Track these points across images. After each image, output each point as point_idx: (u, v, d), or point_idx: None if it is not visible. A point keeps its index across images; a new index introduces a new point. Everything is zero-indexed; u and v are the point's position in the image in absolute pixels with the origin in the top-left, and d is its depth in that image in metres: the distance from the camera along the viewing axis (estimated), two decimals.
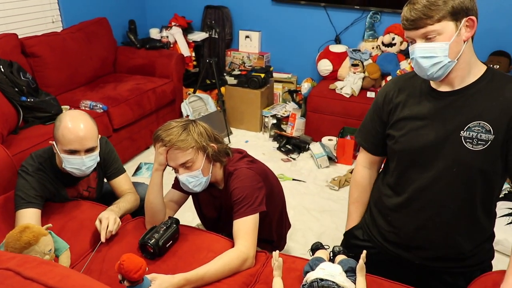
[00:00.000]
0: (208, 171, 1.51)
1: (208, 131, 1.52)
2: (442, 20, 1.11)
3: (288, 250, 2.25)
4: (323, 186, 2.92)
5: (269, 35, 3.96)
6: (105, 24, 3.55)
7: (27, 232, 1.21)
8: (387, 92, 1.37)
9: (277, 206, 1.74)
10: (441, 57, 1.14)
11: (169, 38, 3.82)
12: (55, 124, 1.59)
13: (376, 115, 1.41)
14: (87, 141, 1.58)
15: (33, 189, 1.62)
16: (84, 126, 1.57)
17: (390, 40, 3.37)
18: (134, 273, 1.15)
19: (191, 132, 1.45)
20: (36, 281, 0.77)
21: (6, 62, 2.54)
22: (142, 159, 3.25)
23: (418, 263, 1.36)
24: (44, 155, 1.70)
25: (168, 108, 3.54)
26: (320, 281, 1.19)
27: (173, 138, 1.42)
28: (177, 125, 1.46)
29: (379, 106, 1.39)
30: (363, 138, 1.50)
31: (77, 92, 3.12)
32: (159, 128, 1.48)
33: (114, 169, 1.86)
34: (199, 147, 1.45)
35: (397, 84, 1.36)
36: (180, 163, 1.45)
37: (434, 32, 1.12)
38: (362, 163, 1.54)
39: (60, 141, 1.57)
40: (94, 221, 1.66)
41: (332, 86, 3.40)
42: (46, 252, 1.23)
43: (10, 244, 1.19)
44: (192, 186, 1.50)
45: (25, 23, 3.11)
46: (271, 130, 3.65)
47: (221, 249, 1.44)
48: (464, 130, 1.19)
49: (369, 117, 1.46)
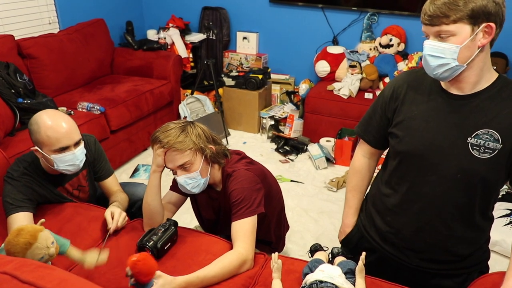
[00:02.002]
0: (207, 173, 1.51)
1: (206, 132, 1.51)
2: (458, 21, 1.07)
3: (286, 252, 2.25)
4: (321, 187, 2.92)
5: (266, 36, 3.96)
6: (102, 25, 3.53)
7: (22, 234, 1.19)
8: (395, 88, 1.32)
9: (275, 207, 1.73)
10: (449, 59, 1.10)
11: (167, 40, 3.81)
12: (32, 129, 1.55)
13: (380, 109, 1.37)
14: (73, 134, 1.57)
15: (21, 193, 1.61)
16: (64, 121, 1.56)
17: (388, 41, 3.37)
18: (144, 276, 1.14)
19: (189, 134, 1.44)
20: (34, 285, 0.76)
21: (3, 64, 2.53)
22: (140, 161, 3.24)
23: (416, 265, 1.36)
24: (27, 159, 1.68)
25: (165, 109, 3.53)
26: (319, 283, 1.19)
27: (171, 139, 1.41)
28: (175, 126, 1.46)
29: (385, 101, 1.34)
30: (363, 130, 1.46)
31: (74, 93, 3.11)
32: (157, 130, 1.47)
33: (105, 170, 1.86)
34: (197, 148, 1.45)
35: (407, 79, 1.31)
36: (178, 165, 1.45)
37: (448, 33, 1.09)
38: (361, 153, 1.51)
39: (46, 142, 1.53)
40: (91, 223, 1.66)
41: (330, 87, 3.40)
42: (49, 245, 1.22)
43: (11, 250, 1.18)
44: (190, 188, 1.50)
45: (21, 24, 3.09)
46: (269, 132, 3.65)
47: (219, 251, 1.44)
48: (471, 137, 1.16)
49: (372, 109, 1.41)
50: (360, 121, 1.49)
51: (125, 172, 3.09)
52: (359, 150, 1.53)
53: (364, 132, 1.46)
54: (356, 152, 1.54)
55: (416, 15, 3.34)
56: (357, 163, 1.53)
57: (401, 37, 3.36)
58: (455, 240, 1.29)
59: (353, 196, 1.55)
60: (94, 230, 1.64)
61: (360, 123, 1.48)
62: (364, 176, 1.52)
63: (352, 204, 1.55)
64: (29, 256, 1.19)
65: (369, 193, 1.53)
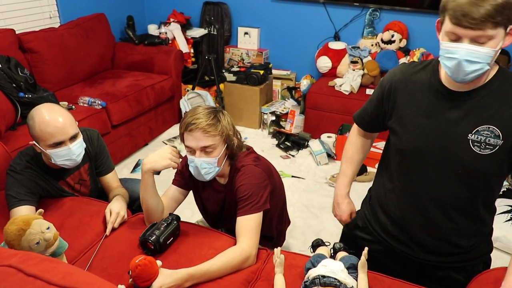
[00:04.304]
0: (222, 163, 1.49)
1: (233, 124, 1.51)
2: (499, 26, 1.01)
3: (287, 247, 2.26)
4: (322, 183, 2.92)
5: (268, 31, 3.94)
6: (103, 20, 3.52)
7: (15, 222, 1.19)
8: (393, 81, 1.29)
9: (278, 202, 1.73)
10: (484, 63, 1.05)
11: (168, 34, 3.80)
12: (28, 124, 1.55)
13: (376, 100, 1.37)
14: (68, 129, 1.56)
15: (24, 187, 1.61)
16: (60, 116, 1.55)
17: (390, 37, 3.37)
18: (141, 281, 1.15)
19: (221, 119, 1.43)
20: (39, 278, 0.76)
21: (4, 58, 2.52)
22: (141, 156, 3.24)
23: (422, 258, 1.36)
24: (30, 153, 1.68)
25: (167, 104, 3.53)
26: (322, 278, 1.19)
27: (203, 120, 1.38)
28: (206, 110, 1.43)
29: (383, 92, 1.33)
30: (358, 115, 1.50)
31: (75, 88, 3.10)
32: (187, 114, 1.44)
33: (106, 165, 1.85)
34: (227, 135, 1.44)
35: (405, 73, 1.28)
36: (202, 146, 1.41)
37: (487, 37, 1.02)
38: (356, 132, 1.54)
39: (41, 137, 1.53)
40: (93, 218, 1.67)
41: (331, 83, 3.39)
42: (44, 230, 1.20)
43: (8, 238, 1.18)
44: (204, 173, 1.46)
45: (22, 19, 3.08)
46: (270, 127, 3.64)
47: (222, 246, 1.44)
48: (472, 133, 1.15)
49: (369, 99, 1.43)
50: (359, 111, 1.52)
51: (126, 167, 3.09)
52: (354, 129, 1.55)
53: (358, 118, 1.50)
54: (352, 129, 1.56)
55: (418, 11, 3.33)
56: (353, 137, 1.55)
57: (403, 33, 3.35)
58: (459, 233, 1.29)
59: (347, 167, 1.56)
60: (96, 225, 1.64)
61: (358, 110, 1.51)
62: (359, 148, 1.54)
63: (347, 173, 1.56)
64: (24, 243, 1.18)
65: (372, 188, 1.53)
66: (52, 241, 1.23)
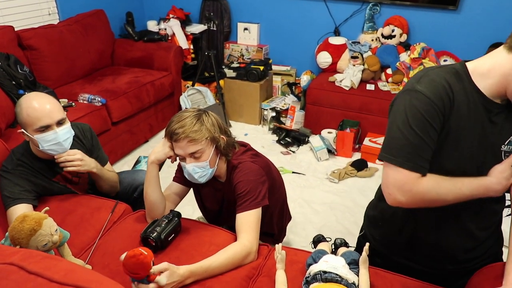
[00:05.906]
0: (215, 163, 1.50)
1: (219, 122, 1.51)
2: None
3: (288, 243, 2.26)
4: (323, 179, 2.92)
5: (268, 27, 3.93)
6: (102, 16, 3.51)
7: (27, 220, 1.20)
8: (442, 95, 1.07)
9: (278, 199, 1.74)
10: None
11: (167, 31, 3.79)
12: (16, 111, 1.56)
13: (431, 127, 1.07)
14: (55, 113, 1.56)
15: (17, 186, 1.61)
16: (47, 100, 1.55)
17: (390, 32, 3.35)
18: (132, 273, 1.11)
19: (204, 122, 1.43)
20: (41, 275, 0.76)
21: (3, 55, 2.52)
22: (141, 153, 3.24)
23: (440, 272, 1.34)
24: (20, 150, 1.68)
25: (167, 101, 3.52)
26: (323, 274, 1.20)
27: (187, 129, 1.40)
28: (190, 115, 1.44)
29: (437, 111, 1.06)
30: (415, 161, 1.09)
31: (74, 85, 3.10)
32: (171, 120, 1.45)
33: (100, 157, 1.85)
34: (211, 137, 1.44)
35: (450, 81, 1.09)
36: (190, 152, 1.43)
37: None
38: (419, 180, 1.10)
39: (28, 122, 1.53)
40: (93, 215, 1.67)
41: (332, 78, 3.38)
42: (53, 232, 1.22)
43: (16, 236, 1.18)
44: (198, 177, 1.48)
45: (21, 15, 3.07)
46: (270, 123, 3.64)
47: (223, 243, 1.44)
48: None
49: (419, 129, 1.07)
50: (398, 151, 1.09)
51: (127, 164, 3.09)
52: (416, 181, 1.09)
53: (419, 162, 1.09)
54: (413, 183, 1.09)
55: (419, 5, 3.32)
56: (429, 182, 1.11)
57: (404, 28, 3.34)
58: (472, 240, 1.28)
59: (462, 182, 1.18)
60: (97, 221, 1.64)
61: (404, 154, 1.08)
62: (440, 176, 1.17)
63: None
64: (33, 243, 1.19)
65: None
66: (58, 243, 1.25)
